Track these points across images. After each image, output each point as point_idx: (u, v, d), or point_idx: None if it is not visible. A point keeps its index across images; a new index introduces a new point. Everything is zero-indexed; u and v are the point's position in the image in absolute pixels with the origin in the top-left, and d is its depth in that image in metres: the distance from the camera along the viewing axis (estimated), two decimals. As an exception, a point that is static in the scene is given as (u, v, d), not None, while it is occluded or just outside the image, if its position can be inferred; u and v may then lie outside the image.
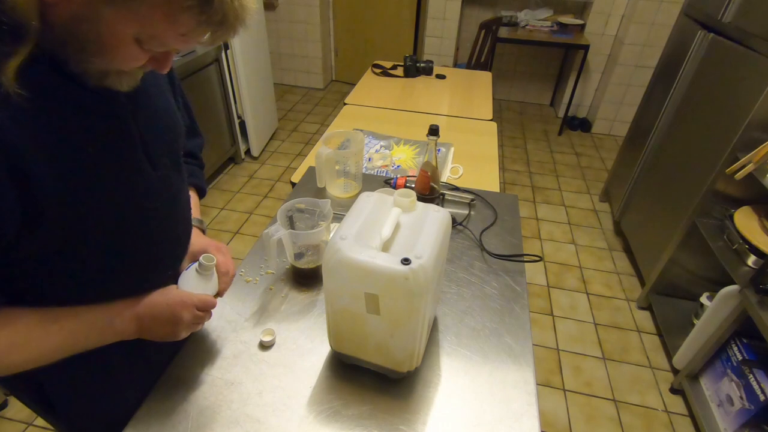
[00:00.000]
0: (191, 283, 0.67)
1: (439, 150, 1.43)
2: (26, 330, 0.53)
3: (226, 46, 2.53)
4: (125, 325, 0.61)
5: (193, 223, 0.77)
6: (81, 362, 0.61)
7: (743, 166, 1.39)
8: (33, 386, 0.70)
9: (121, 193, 0.56)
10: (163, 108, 0.64)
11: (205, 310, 0.66)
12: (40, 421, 1.49)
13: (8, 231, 0.47)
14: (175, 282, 0.67)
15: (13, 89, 0.42)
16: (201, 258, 0.67)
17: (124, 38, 0.44)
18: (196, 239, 0.76)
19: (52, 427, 1.45)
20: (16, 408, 1.52)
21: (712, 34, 1.80)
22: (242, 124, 2.84)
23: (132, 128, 0.56)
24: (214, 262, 0.68)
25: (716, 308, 1.46)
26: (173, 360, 0.74)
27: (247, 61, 2.64)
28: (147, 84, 0.60)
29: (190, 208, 0.75)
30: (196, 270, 0.67)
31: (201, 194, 0.88)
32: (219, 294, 0.71)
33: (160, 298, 0.63)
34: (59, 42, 0.44)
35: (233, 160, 2.92)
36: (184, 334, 0.65)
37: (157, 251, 0.66)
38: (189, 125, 0.84)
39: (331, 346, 0.74)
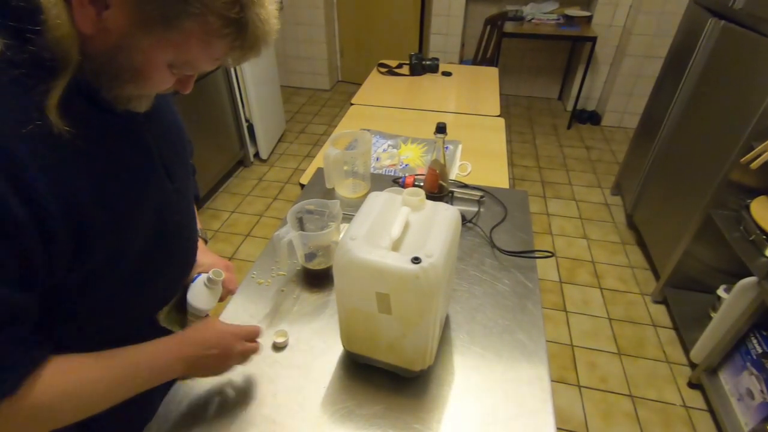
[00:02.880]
0: (200, 296, 0.69)
1: (447, 147, 1.43)
2: (79, 379, 0.51)
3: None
4: (175, 368, 0.59)
5: (200, 234, 0.79)
6: None
7: (758, 155, 1.36)
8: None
9: (151, 210, 0.56)
10: (171, 121, 0.65)
11: (252, 340, 0.66)
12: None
13: (60, 269, 0.47)
14: (184, 290, 0.69)
15: (61, 127, 0.42)
16: (211, 273, 0.68)
17: (159, 65, 0.45)
18: (202, 254, 0.77)
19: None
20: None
21: (723, 22, 1.76)
22: (250, 128, 2.86)
23: (152, 146, 0.57)
24: (223, 277, 0.69)
25: (734, 301, 1.43)
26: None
27: (253, 64, 2.65)
28: (157, 101, 0.61)
29: (195, 215, 0.77)
30: (205, 284, 0.69)
31: (196, 201, 0.89)
32: (219, 301, 0.73)
33: (208, 334, 0.62)
34: (94, 72, 0.45)
35: (242, 163, 2.95)
36: (233, 367, 0.65)
37: (177, 261, 0.67)
38: None
39: (343, 346, 0.74)
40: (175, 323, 0.71)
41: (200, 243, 0.78)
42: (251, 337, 0.66)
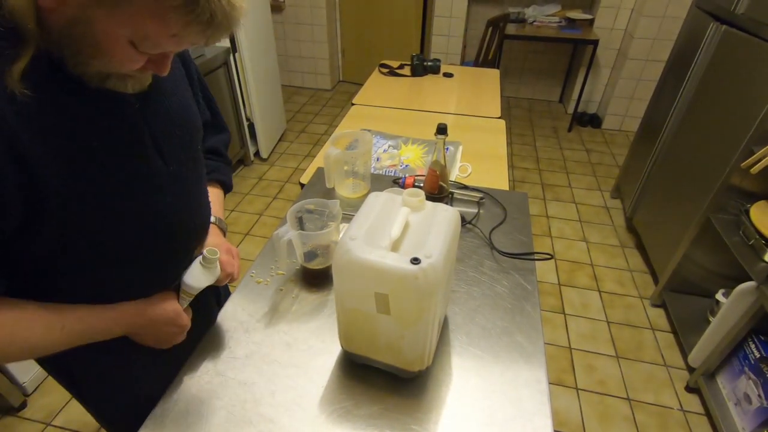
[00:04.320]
0: (193, 273, 0.69)
1: (447, 149, 1.43)
2: (30, 322, 0.55)
3: (234, 49, 2.55)
4: (114, 330, 0.64)
5: (212, 221, 0.78)
6: (108, 355, 0.65)
7: (759, 160, 1.36)
8: (64, 372, 0.75)
9: (130, 187, 0.57)
10: (177, 104, 0.65)
11: (180, 326, 0.70)
12: (58, 421, 1.52)
13: (10, 220, 0.48)
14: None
15: (19, 89, 0.44)
16: (205, 251, 0.68)
17: (118, 40, 0.45)
18: (212, 239, 0.77)
19: (70, 428, 1.49)
20: (35, 408, 1.55)
21: (724, 26, 1.76)
22: (251, 127, 2.86)
23: (141, 126, 0.57)
24: (218, 255, 0.69)
25: (732, 305, 1.43)
26: (186, 361, 0.75)
27: (254, 63, 2.66)
28: (160, 81, 0.61)
29: (208, 203, 0.76)
30: (200, 262, 0.69)
31: (226, 189, 0.89)
32: (218, 282, 0.73)
33: (156, 312, 0.67)
34: (57, 45, 0.46)
35: (243, 162, 2.95)
36: (166, 346, 0.71)
37: (172, 244, 0.67)
38: (213, 121, 0.85)
39: (342, 346, 0.74)
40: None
41: (214, 228, 0.79)
42: (183, 329, 0.71)
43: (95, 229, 0.55)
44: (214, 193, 0.83)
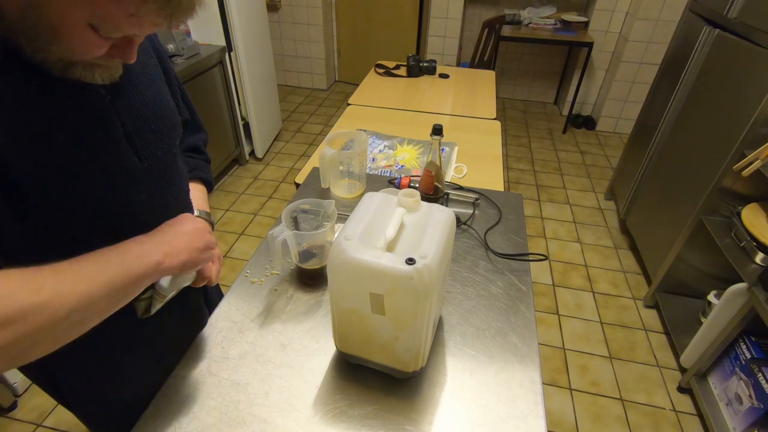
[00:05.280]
0: (167, 277, 0.64)
1: (443, 149, 1.43)
2: (69, 273, 0.48)
3: (230, 48, 2.54)
4: (153, 250, 0.55)
5: (200, 215, 0.77)
6: (88, 354, 0.62)
7: (750, 163, 1.37)
8: (46, 377, 0.72)
9: (102, 181, 0.56)
10: (152, 98, 0.63)
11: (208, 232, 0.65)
12: (49, 422, 1.50)
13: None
14: None
15: None
16: None
17: (75, 23, 0.44)
18: None
19: (61, 428, 1.48)
20: (26, 409, 1.53)
21: (717, 30, 1.78)
22: (246, 126, 2.85)
23: (113, 119, 0.56)
24: None
25: (724, 306, 1.45)
26: (180, 360, 0.75)
27: (250, 62, 2.65)
28: (134, 74, 0.60)
29: (187, 201, 0.75)
30: None
31: (208, 187, 0.87)
32: (194, 284, 0.69)
33: (180, 220, 0.63)
34: (12, 31, 0.44)
35: (237, 161, 2.93)
36: (201, 259, 0.63)
37: None
38: (190, 120, 0.84)
39: (336, 346, 0.74)
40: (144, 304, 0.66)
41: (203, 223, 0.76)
42: (211, 238, 0.66)
43: (69, 224, 0.54)
44: (197, 189, 0.82)
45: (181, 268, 0.59)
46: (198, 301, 0.86)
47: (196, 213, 0.77)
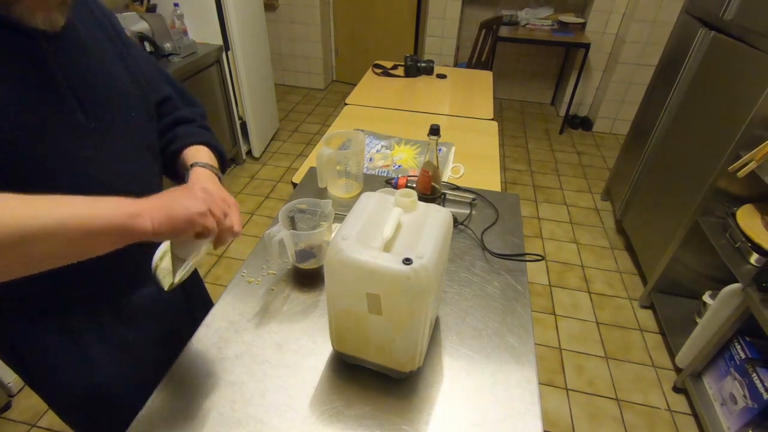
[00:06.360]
0: (180, 245, 0.63)
1: (440, 150, 1.43)
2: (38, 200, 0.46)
3: (227, 48, 2.53)
4: (125, 201, 0.51)
5: (203, 166, 0.74)
6: (50, 328, 0.61)
7: (745, 164, 1.38)
8: (6, 346, 0.70)
9: (41, 130, 0.55)
10: (99, 62, 0.64)
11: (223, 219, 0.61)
12: (43, 422, 1.49)
13: None
14: (140, 249, 0.58)
15: None
16: None
17: None
18: (208, 184, 0.69)
19: (55, 429, 1.47)
20: (20, 409, 1.52)
21: (713, 32, 1.79)
22: (243, 125, 2.85)
23: (54, 71, 0.56)
24: None
25: (719, 307, 1.46)
26: (176, 360, 0.74)
27: (247, 62, 2.64)
28: (83, 43, 0.61)
29: (155, 177, 0.74)
30: None
31: (215, 151, 0.81)
32: (220, 242, 0.64)
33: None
34: None
35: (234, 161, 2.93)
36: (203, 219, 0.57)
37: None
38: (178, 96, 0.83)
39: (333, 346, 0.74)
40: (167, 273, 0.64)
41: (207, 172, 0.73)
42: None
43: (17, 169, 0.53)
44: (197, 149, 0.78)
45: (171, 225, 0.54)
46: (178, 302, 0.85)
47: (201, 163, 0.73)
